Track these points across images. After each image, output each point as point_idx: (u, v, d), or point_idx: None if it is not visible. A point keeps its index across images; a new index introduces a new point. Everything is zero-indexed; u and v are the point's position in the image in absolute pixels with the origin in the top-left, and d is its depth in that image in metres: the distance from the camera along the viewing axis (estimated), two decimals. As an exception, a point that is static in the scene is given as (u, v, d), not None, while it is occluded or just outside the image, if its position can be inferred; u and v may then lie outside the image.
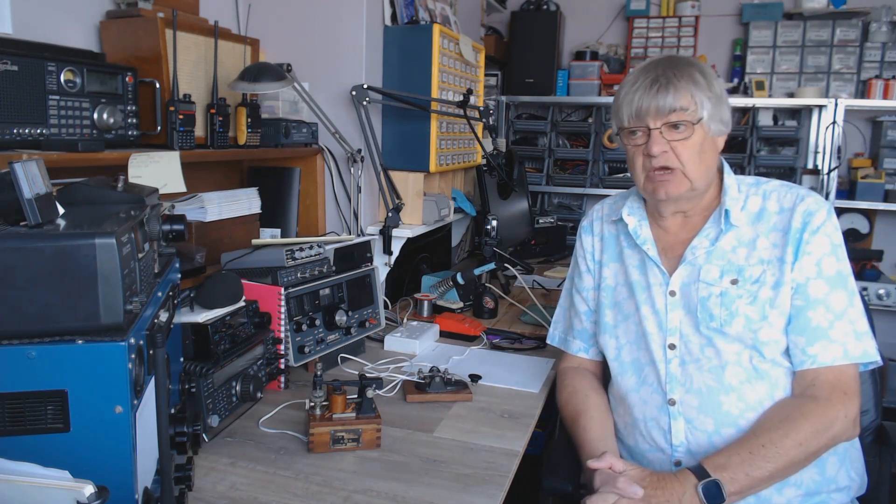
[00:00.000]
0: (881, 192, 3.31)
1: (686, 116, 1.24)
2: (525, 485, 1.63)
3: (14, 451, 0.75)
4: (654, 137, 1.26)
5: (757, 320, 1.24)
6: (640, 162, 1.31)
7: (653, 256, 1.36)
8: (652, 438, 1.32)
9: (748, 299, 1.25)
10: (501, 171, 2.66)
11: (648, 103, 1.25)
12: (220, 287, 1.40)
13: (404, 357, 1.82)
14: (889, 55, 3.42)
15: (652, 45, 3.81)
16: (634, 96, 1.26)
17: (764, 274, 1.26)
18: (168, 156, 1.43)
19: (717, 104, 1.26)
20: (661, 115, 1.25)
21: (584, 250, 1.52)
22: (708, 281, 1.29)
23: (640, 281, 1.39)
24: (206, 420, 1.27)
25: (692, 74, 1.25)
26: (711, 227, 1.32)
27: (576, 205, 3.98)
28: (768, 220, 1.29)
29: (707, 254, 1.31)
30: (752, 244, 1.29)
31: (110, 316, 0.80)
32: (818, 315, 1.22)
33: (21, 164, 0.81)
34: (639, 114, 1.26)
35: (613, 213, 1.48)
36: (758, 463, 1.15)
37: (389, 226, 2.07)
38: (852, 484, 1.29)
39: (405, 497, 1.14)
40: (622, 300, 1.42)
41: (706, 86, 1.25)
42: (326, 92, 2.06)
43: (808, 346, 1.22)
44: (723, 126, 1.29)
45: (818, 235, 1.24)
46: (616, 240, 1.47)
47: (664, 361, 1.31)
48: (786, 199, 1.30)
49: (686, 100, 1.24)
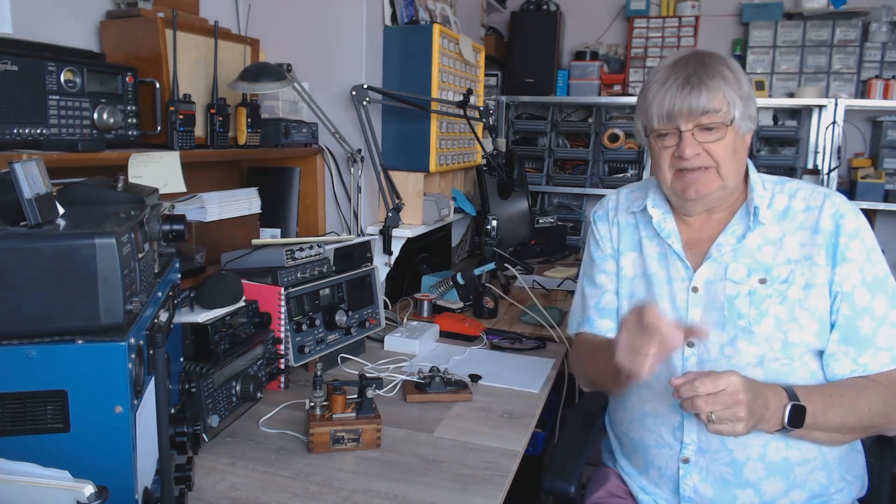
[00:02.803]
0: (881, 192, 3.30)
1: (718, 118, 1.21)
2: (525, 485, 1.63)
3: (14, 451, 0.75)
4: (686, 140, 1.22)
5: (787, 321, 1.22)
6: (667, 160, 1.27)
7: (678, 251, 1.33)
8: (659, 434, 1.30)
9: (777, 299, 1.23)
10: (501, 171, 2.66)
11: (681, 104, 1.21)
12: (220, 287, 1.40)
13: (404, 357, 1.82)
14: (889, 55, 3.42)
15: (652, 45, 3.81)
16: (665, 96, 1.22)
17: (793, 274, 1.24)
18: (168, 156, 1.43)
19: (747, 102, 1.23)
20: (693, 116, 1.21)
21: (601, 236, 1.46)
22: (735, 279, 1.26)
23: (661, 274, 1.35)
24: (206, 420, 1.27)
25: (723, 73, 1.22)
26: (738, 223, 1.29)
27: (576, 205, 3.98)
28: (794, 218, 1.27)
29: (734, 251, 1.28)
30: (778, 243, 1.26)
31: (110, 316, 0.80)
32: (865, 324, 1.21)
33: (21, 164, 0.81)
34: (670, 116, 1.22)
35: (632, 205, 1.43)
36: (835, 409, 1.16)
37: (389, 226, 2.07)
38: (852, 484, 1.29)
39: (405, 497, 1.14)
40: (638, 292, 1.38)
41: (736, 84, 1.22)
42: (326, 92, 2.06)
43: (859, 356, 1.21)
44: (751, 123, 1.26)
45: (856, 240, 1.22)
46: (634, 229, 1.42)
47: (681, 359, 1.28)
48: (812, 198, 1.27)
49: (719, 101, 1.20)
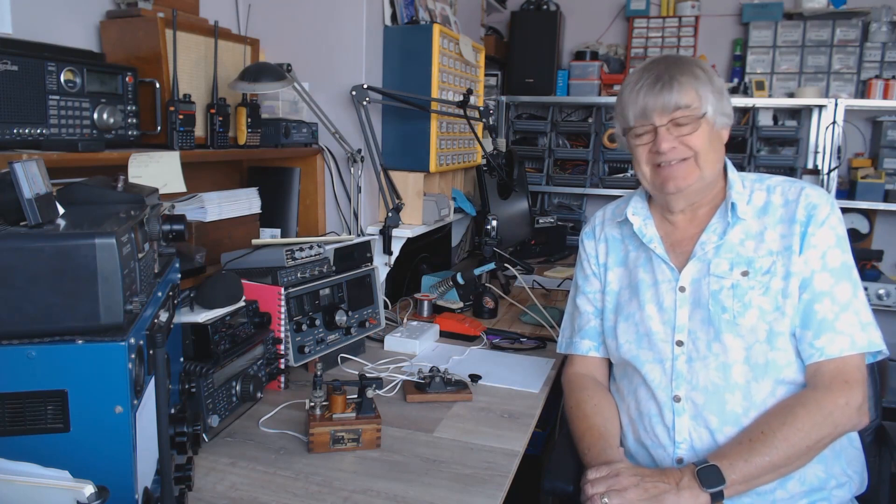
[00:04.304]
0: (881, 192, 3.30)
1: (691, 112, 1.26)
2: (525, 485, 1.63)
3: (14, 451, 0.75)
4: (662, 135, 1.27)
5: (770, 311, 1.25)
6: (644, 156, 1.32)
7: (660, 254, 1.37)
8: (655, 434, 1.32)
9: (760, 290, 1.26)
10: (501, 171, 2.66)
11: (654, 102, 1.26)
12: (220, 287, 1.40)
13: (404, 357, 1.82)
14: (889, 55, 3.42)
15: (652, 45, 3.81)
16: (638, 96, 1.28)
17: (774, 265, 1.27)
18: (168, 156, 1.43)
19: (720, 98, 1.29)
20: (666, 112, 1.26)
21: (588, 255, 1.52)
22: (718, 274, 1.29)
23: (647, 279, 1.38)
24: (206, 420, 1.27)
25: (694, 71, 1.28)
26: (718, 221, 1.33)
27: (576, 205, 3.98)
28: (774, 212, 1.31)
29: (716, 248, 1.32)
30: (759, 236, 1.30)
31: (110, 316, 0.80)
32: (824, 307, 1.23)
33: (21, 164, 0.81)
34: (644, 113, 1.28)
35: (617, 215, 1.48)
36: (757, 449, 1.16)
37: (389, 226, 2.07)
38: (851, 480, 1.29)
39: (405, 497, 1.14)
40: (624, 302, 1.42)
41: (708, 81, 1.28)
42: (326, 92, 2.06)
43: (815, 339, 1.23)
44: (726, 119, 1.32)
45: (823, 228, 1.25)
46: (621, 243, 1.47)
47: (671, 359, 1.31)
48: (790, 192, 1.31)
49: (690, 96, 1.26)
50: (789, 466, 1.18)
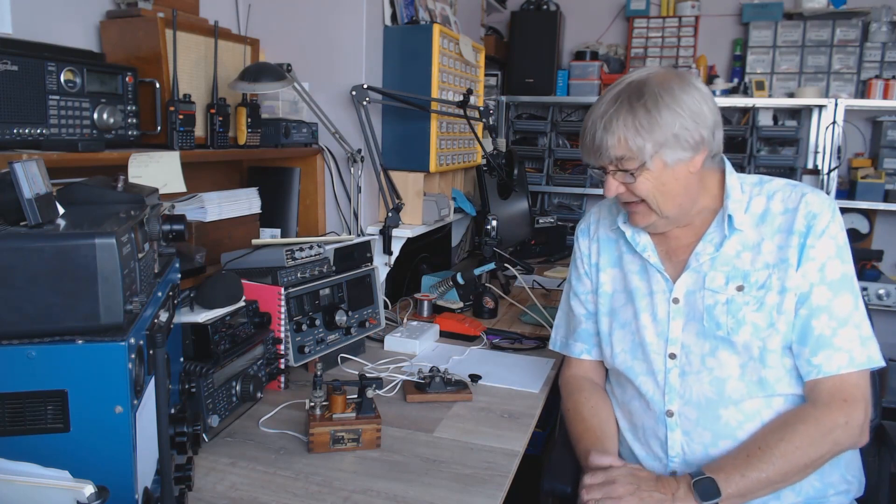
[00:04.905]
0: (881, 192, 3.31)
1: (627, 164, 1.21)
2: (525, 485, 1.63)
3: (14, 451, 0.75)
4: (608, 180, 1.25)
5: (764, 328, 1.21)
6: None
7: (654, 263, 1.33)
8: (649, 446, 1.31)
9: (754, 306, 1.22)
10: (501, 171, 2.66)
11: (592, 151, 1.24)
12: (220, 287, 1.40)
13: (404, 357, 1.82)
14: (889, 55, 3.42)
15: (652, 45, 3.81)
16: (585, 139, 1.25)
17: (770, 278, 1.23)
18: (168, 156, 1.43)
19: (671, 139, 1.18)
20: (605, 161, 1.23)
21: (581, 253, 1.49)
22: (713, 288, 1.26)
23: (642, 287, 1.36)
24: (206, 420, 1.27)
25: (634, 117, 1.17)
26: (715, 230, 1.28)
27: (576, 205, 3.99)
28: (773, 221, 1.26)
29: (712, 260, 1.27)
30: (757, 248, 1.25)
31: (110, 316, 0.80)
32: (821, 323, 1.19)
33: (21, 164, 0.81)
34: (591, 157, 1.26)
35: (612, 221, 1.44)
36: (754, 464, 1.15)
37: (389, 226, 2.07)
38: (851, 486, 1.28)
39: (405, 497, 1.14)
40: (619, 307, 1.40)
41: (648, 128, 1.17)
42: (326, 92, 2.06)
43: (812, 356, 1.19)
44: (686, 153, 1.20)
45: (822, 239, 1.21)
46: (615, 244, 1.43)
47: (664, 371, 1.29)
48: (790, 199, 1.26)
49: (622, 149, 1.19)
50: (786, 482, 1.17)
